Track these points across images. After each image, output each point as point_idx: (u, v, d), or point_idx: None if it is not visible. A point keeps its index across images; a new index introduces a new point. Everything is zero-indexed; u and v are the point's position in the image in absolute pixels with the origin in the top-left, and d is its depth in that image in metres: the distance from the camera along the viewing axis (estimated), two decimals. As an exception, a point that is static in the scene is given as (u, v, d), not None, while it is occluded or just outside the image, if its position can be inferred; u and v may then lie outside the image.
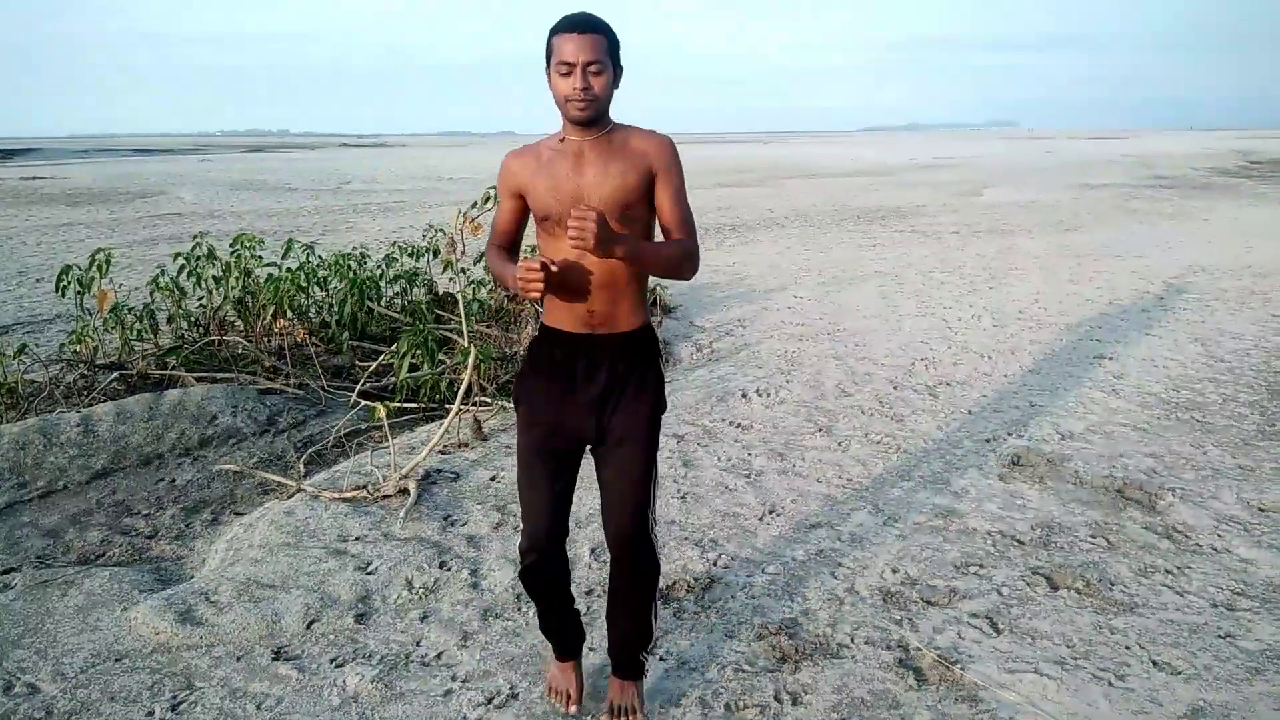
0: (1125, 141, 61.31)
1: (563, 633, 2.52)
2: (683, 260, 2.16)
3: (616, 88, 2.10)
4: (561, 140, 2.16)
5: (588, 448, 2.32)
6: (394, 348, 5.14)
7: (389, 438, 4.31)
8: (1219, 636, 2.84)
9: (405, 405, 5.17)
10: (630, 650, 2.46)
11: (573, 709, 2.52)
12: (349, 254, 6.88)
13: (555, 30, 2.03)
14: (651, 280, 2.43)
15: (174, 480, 4.36)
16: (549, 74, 2.06)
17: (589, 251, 1.97)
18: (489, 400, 5.22)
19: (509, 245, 2.34)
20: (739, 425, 4.90)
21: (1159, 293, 8.38)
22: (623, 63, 2.12)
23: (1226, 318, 7.31)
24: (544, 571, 2.37)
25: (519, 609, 3.06)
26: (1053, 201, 17.95)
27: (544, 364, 2.27)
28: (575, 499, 2.43)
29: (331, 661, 2.78)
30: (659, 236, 2.24)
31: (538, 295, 2.02)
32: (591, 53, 2.00)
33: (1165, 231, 12.93)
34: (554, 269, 2.03)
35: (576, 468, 2.36)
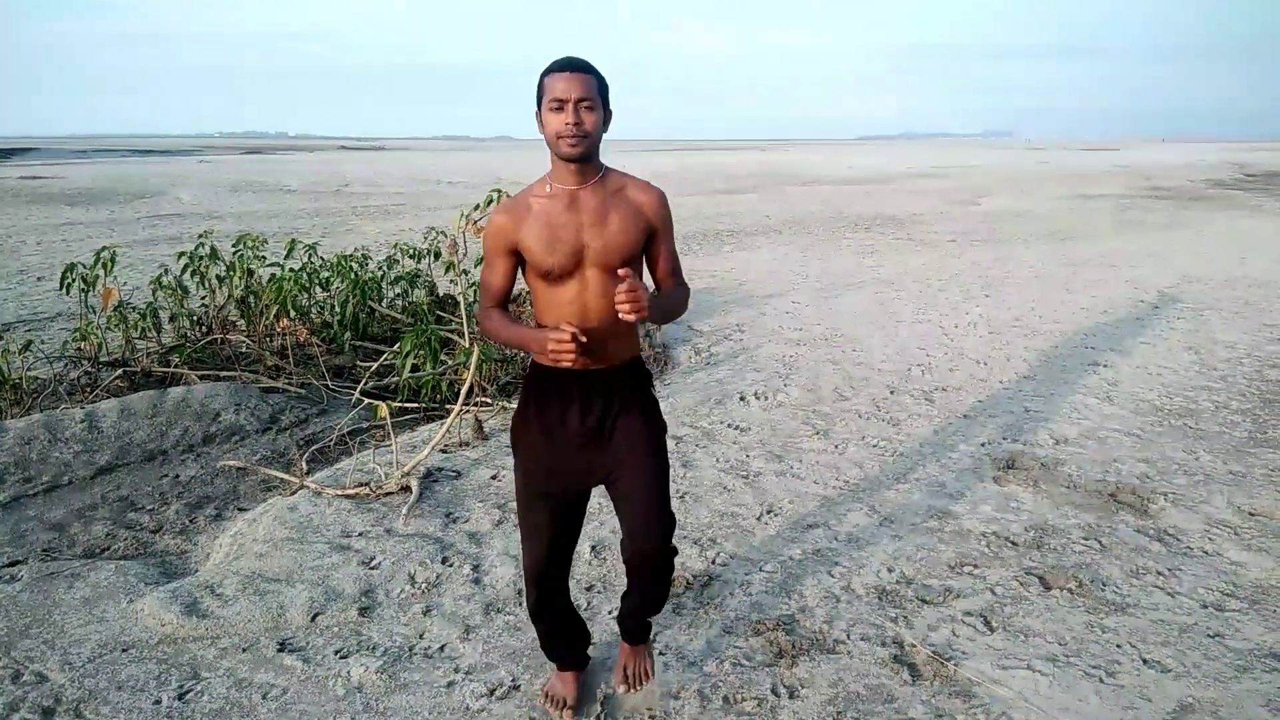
0: (1120, 152, 61.58)
1: (567, 652, 2.57)
2: (686, 304, 2.34)
3: (606, 130, 2.13)
4: (549, 188, 2.15)
5: (598, 485, 2.32)
6: (396, 348, 5.18)
7: (391, 436, 4.36)
8: (1208, 636, 2.89)
9: (407, 405, 5.22)
10: (642, 619, 2.53)
11: (568, 716, 2.53)
12: (351, 255, 6.93)
13: (547, 71, 2.06)
14: None
15: (178, 476, 4.40)
16: (540, 114, 2.07)
17: (642, 319, 1.99)
18: (490, 400, 5.26)
19: (503, 305, 2.28)
20: (737, 427, 4.95)
21: (1154, 302, 8.46)
22: (615, 80, 2.16)
23: (1220, 327, 7.39)
24: (547, 605, 2.44)
25: (520, 604, 3.10)
26: (1049, 211, 18.06)
27: (537, 405, 2.25)
28: None
29: (336, 653, 2.83)
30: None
31: (570, 364, 2.02)
32: (582, 90, 2.03)
33: (1160, 242, 13.03)
34: (583, 340, 2.00)
35: (581, 510, 2.38)
